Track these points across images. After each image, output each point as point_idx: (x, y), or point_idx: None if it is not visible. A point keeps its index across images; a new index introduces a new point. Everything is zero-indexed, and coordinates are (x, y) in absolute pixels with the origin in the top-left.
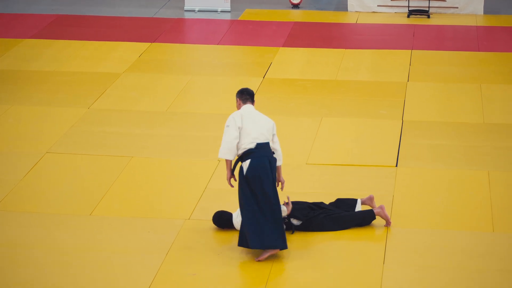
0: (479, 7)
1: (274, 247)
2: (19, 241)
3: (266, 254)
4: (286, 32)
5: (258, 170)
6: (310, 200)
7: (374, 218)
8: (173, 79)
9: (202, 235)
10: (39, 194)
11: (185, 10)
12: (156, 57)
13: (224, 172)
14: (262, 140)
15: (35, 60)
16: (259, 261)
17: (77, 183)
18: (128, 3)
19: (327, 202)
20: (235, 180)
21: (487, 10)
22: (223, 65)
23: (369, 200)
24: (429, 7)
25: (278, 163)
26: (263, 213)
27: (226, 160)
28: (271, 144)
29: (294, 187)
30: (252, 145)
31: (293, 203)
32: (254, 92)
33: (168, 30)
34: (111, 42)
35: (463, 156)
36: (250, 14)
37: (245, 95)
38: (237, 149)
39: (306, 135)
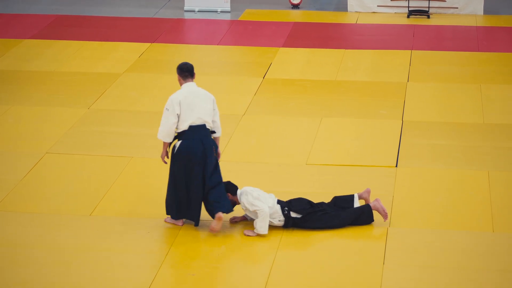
0: (479, 7)
1: (187, 219)
2: (19, 241)
3: (173, 221)
4: (286, 32)
5: (186, 151)
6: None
7: (373, 220)
8: (173, 79)
9: (202, 235)
10: (39, 194)
11: (185, 11)
12: (156, 57)
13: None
14: (198, 123)
15: (35, 60)
16: (165, 221)
17: (77, 183)
18: (128, 3)
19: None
20: (168, 158)
21: (487, 10)
22: (223, 65)
23: (366, 193)
24: (429, 7)
25: (217, 135)
26: (182, 190)
27: (164, 142)
28: (209, 120)
29: (294, 187)
30: (187, 128)
31: (293, 199)
32: (255, 91)
33: (168, 30)
34: (111, 42)
35: (463, 156)
36: (250, 14)
37: (185, 72)
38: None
39: (306, 135)
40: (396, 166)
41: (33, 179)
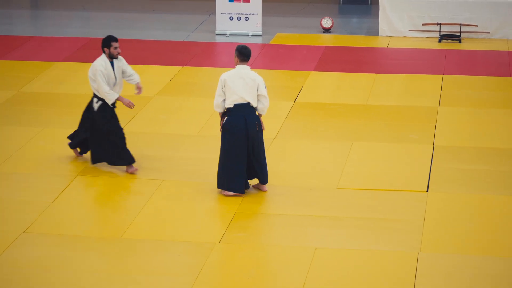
0: (511, 32)
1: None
2: (48, 263)
3: (229, 193)
4: (317, 56)
5: (229, 126)
6: (342, 225)
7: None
8: (204, 102)
9: (232, 259)
10: (70, 216)
11: (217, 34)
12: (188, 80)
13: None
14: (240, 102)
15: (67, 83)
16: (225, 195)
17: (108, 205)
18: (160, 27)
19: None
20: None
21: None
22: None
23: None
24: (460, 32)
25: (261, 113)
26: (231, 160)
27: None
28: (251, 100)
29: (325, 211)
30: (231, 105)
31: None
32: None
33: (200, 53)
34: (143, 65)
35: (495, 181)
36: (281, 38)
37: (242, 55)
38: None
39: (337, 160)
40: (427, 191)
41: (64, 201)
